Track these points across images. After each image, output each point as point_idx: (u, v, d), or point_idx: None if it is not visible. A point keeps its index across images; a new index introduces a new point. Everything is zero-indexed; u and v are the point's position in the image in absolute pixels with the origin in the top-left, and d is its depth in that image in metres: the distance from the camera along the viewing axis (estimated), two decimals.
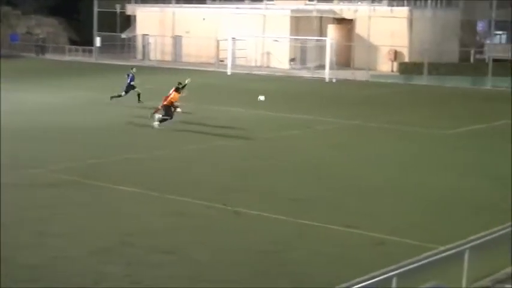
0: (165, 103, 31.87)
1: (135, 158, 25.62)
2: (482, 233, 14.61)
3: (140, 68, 54.59)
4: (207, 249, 15.95)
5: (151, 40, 71.88)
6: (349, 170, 24.63)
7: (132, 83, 38.73)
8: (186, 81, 32.94)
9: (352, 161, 26.27)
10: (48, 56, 75.26)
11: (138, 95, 38.76)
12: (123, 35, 75.98)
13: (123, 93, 38.53)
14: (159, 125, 31.29)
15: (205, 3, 73.06)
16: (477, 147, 29.58)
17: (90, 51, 72.75)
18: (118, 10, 75.00)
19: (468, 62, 62.44)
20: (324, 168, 24.88)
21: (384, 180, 23.21)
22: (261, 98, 33.97)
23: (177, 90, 32.33)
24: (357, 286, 11.01)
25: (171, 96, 31.97)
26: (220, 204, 19.52)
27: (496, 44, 65.71)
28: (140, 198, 20.14)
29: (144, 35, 72.59)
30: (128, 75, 39.03)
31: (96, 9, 71.71)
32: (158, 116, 31.75)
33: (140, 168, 24.08)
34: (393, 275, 10.87)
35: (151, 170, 23.83)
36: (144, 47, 72.70)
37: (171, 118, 31.65)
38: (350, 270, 14.54)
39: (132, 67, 40.89)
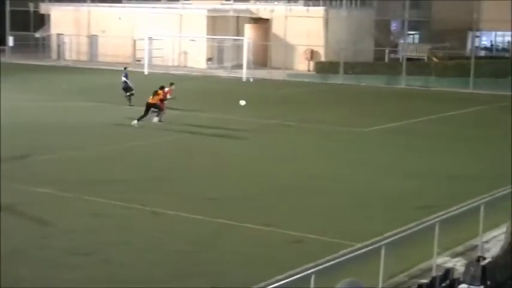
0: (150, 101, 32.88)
1: (51, 158, 25.24)
2: (399, 229, 14.86)
3: (55, 68, 53.76)
4: (125, 250, 15.82)
5: (66, 39, 70.81)
6: (267, 169, 24.72)
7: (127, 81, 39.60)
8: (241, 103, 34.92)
9: (270, 160, 26.37)
10: None
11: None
12: (37, 34, 74.58)
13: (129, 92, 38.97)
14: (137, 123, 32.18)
15: (121, 3, 72.36)
16: (394, 145, 30.06)
17: (3, 51, 71.24)
18: (31, 9, 73.63)
19: (383, 62, 63.37)
20: (241, 167, 24.92)
21: (302, 179, 23.37)
22: (242, 102, 34.48)
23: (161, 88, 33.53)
24: (275, 285, 11.05)
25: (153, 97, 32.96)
26: (139, 205, 19.39)
27: (409, 43, 66.86)
28: (57, 200, 19.83)
29: (58, 35, 71.49)
30: (124, 75, 39.74)
31: (8, 8, 70.33)
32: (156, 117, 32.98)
33: (57, 169, 23.71)
34: (311, 273, 10.94)
35: (68, 171, 23.50)
36: (59, 46, 71.57)
37: (145, 116, 32.49)
38: (269, 269, 14.60)
39: (125, 67, 41.22)
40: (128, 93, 38.82)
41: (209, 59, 64.88)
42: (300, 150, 28.42)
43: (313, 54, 63.38)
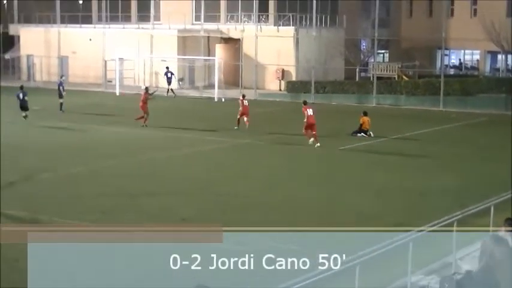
0: None
1: (24, 180, 24.99)
2: (372, 248, 14.84)
3: (25, 89, 53.45)
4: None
5: (36, 61, 70.49)
6: (239, 188, 24.66)
7: None
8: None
9: (243, 179, 26.32)
10: None
11: None
12: (7, 56, 74.17)
13: None
14: None
15: (91, 24, 72.18)
16: (365, 163, 30.12)
17: None
18: (0, 30, 73.21)
19: (353, 80, 63.59)
20: (214, 186, 24.84)
21: (273, 197, 23.36)
22: None
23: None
24: None
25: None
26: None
27: (379, 62, 67.26)
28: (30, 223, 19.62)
29: (28, 56, 71.16)
30: None
31: None
32: None
33: (30, 191, 23.44)
34: None
35: (41, 193, 23.28)
36: (29, 67, 71.22)
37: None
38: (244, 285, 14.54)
39: None
40: None
41: (180, 79, 64.83)
42: (272, 169, 28.40)
43: (284, 73, 63.55)
